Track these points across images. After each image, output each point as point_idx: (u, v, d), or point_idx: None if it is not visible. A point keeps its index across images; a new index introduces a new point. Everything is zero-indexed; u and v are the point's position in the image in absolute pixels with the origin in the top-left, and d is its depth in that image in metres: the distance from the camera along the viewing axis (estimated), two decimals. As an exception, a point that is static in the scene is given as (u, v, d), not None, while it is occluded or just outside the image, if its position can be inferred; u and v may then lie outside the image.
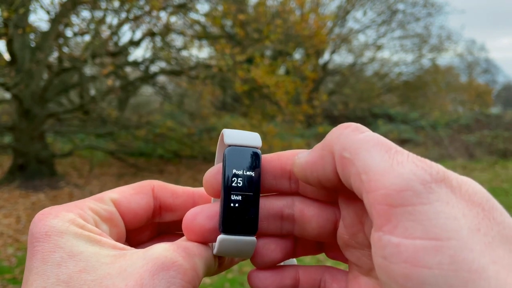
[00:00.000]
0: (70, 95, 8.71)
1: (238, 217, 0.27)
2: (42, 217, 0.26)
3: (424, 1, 13.30)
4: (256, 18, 6.55)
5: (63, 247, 0.24)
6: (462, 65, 18.19)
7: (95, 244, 0.25)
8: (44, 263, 0.24)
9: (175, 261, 0.24)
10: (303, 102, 6.99)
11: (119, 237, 0.29)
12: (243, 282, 3.30)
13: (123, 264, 0.24)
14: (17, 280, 3.27)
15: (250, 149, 0.28)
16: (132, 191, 0.30)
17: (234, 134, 0.29)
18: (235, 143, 0.28)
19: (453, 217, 0.19)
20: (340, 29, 13.42)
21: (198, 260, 0.26)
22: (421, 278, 0.18)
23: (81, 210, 0.27)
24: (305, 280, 0.29)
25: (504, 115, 14.05)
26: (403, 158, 0.21)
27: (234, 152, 0.28)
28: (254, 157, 0.28)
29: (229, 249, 0.28)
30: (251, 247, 0.28)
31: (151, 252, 0.24)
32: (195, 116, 8.61)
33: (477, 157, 9.87)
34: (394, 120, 13.51)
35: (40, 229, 0.25)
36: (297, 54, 10.33)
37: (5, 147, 7.29)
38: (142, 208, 0.30)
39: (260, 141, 0.29)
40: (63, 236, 0.25)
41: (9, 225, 4.67)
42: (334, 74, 14.50)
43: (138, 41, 7.28)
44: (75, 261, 0.24)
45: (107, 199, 0.29)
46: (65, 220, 0.26)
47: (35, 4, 6.07)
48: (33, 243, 0.25)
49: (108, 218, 0.28)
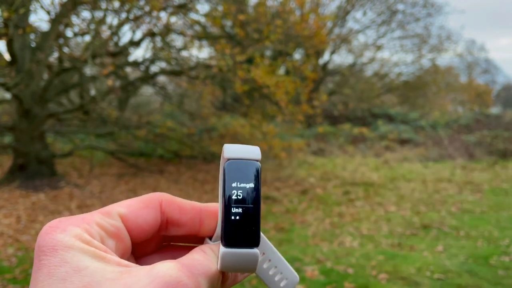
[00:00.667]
0: (70, 95, 8.71)
1: (239, 230, 0.27)
2: (50, 230, 0.26)
3: (424, 1, 13.31)
4: (256, 18, 6.55)
5: (69, 262, 0.24)
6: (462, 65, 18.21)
7: (100, 260, 0.25)
8: (50, 277, 0.24)
9: (180, 280, 0.25)
10: (303, 102, 7.00)
11: (124, 251, 0.29)
12: (243, 282, 3.31)
13: (128, 281, 0.24)
14: (17, 280, 3.27)
15: (249, 161, 0.29)
16: (141, 204, 0.30)
17: (233, 148, 0.29)
18: (234, 156, 0.28)
19: None
20: (340, 29, 13.43)
21: (202, 279, 0.26)
22: None
23: (88, 225, 0.27)
24: None
25: (504, 115, 14.05)
26: None
27: (233, 165, 0.28)
28: (253, 170, 0.28)
29: (232, 263, 0.28)
30: (254, 259, 0.28)
31: (156, 271, 0.25)
32: (195, 116, 8.62)
33: (477, 157, 9.88)
34: (394, 120, 13.51)
35: (47, 243, 0.25)
36: (297, 54, 10.33)
37: (5, 147, 7.29)
38: (149, 223, 0.30)
39: (260, 154, 0.29)
40: (70, 251, 0.25)
41: (9, 225, 4.67)
42: (334, 74, 14.51)
43: (138, 41, 7.28)
44: (80, 276, 0.24)
45: (114, 214, 0.29)
46: (72, 235, 0.26)
47: (35, 4, 6.08)
48: (39, 256, 0.25)
49: (115, 233, 0.28)
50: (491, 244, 4.15)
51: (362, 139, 11.64)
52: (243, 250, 0.28)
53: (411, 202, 5.95)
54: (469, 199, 6.11)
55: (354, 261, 3.66)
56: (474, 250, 3.95)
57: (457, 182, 7.32)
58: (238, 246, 0.27)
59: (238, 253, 0.28)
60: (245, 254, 0.28)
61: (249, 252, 0.28)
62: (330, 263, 3.61)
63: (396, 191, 6.67)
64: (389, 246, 4.13)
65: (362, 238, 4.37)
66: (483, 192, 6.57)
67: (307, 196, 6.34)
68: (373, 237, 4.42)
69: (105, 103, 7.89)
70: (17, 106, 6.33)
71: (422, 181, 7.48)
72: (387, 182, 7.40)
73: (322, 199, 6.18)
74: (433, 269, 3.46)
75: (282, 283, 0.34)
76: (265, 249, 0.33)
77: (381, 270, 3.45)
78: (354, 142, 11.47)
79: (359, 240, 4.30)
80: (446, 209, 5.55)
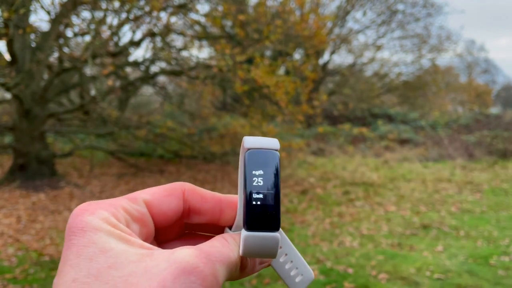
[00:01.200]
0: (71, 95, 8.71)
1: (260, 215, 0.29)
2: (80, 212, 0.28)
3: (424, 2, 13.31)
4: (256, 18, 6.55)
5: (96, 242, 0.26)
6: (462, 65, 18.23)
7: (125, 243, 0.27)
8: (78, 256, 0.25)
9: (196, 266, 0.26)
10: (303, 102, 7.00)
11: (147, 236, 0.31)
12: (243, 282, 3.31)
13: (149, 264, 0.25)
14: (17, 280, 3.28)
15: (268, 151, 0.30)
16: (164, 193, 0.31)
17: (253, 139, 0.31)
18: (254, 146, 0.30)
19: None
20: (340, 29, 13.43)
21: (219, 266, 0.27)
22: None
23: (114, 209, 0.29)
24: None
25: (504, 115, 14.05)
26: None
27: (253, 154, 0.30)
28: (272, 158, 0.30)
29: (254, 247, 0.29)
30: (275, 242, 0.29)
31: (175, 256, 0.26)
32: (195, 116, 8.62)
33: (477, 157, 9.88)
34: (394, 120, 13.52)
35: (77, 224, 0.27)
36: (297, 54, 10.34)
37: (5, 147, 7.30)
38: (171, 210, 0.31)
39: (278, 144, 0.31)
40: (97, 232, 0.26)
41: (9, 225, 4.67)
42: (334, 74, 14.51)
43: (138, 41, 7.29)
44: (105, 257, 0.25)
45: (140, 200, 0.31)
46: (100, 218, 0.27)
47: (35, 5, 6.08)
48: (69, 236, 0.27)
49: (139, 218, 0.30)
50: (491, 244, 4.16)
51: (362, 139, 11.65)
52: (265, 233, 0.29)
53: (411, 202, 5.96)
54: (469, 199, 6.11)
55: (354, 261, 3.66)
56: (474, 250, 3.96)
57: (457, 182, 7.32)
58: (260, 230, 0.29)
59: (260, 236, 0.29)
60: (266, 237, 0.29)
61: (270, 235, 0.29)
62: (330, 263, 3.61)
63: (396, 191, 6.67)
64: (389, 246, 4.14)
65: (362, 238, 4.38)
66: (483, 192, 6.58)
67: (307, 196, 6.34)
68: (373, 237, 4.42)
69: (105, 103, 7.89)
70: (18, 106, 6.34)
71: (422, 181, 7.48)
72: (387, 182, 7.41)
73: (322, 199, 6.19)
74: (433, 269, 3.47)
75: (298, 278, 0.35)
76: (282, 243, 0.34)
77: (381, 270, 3.45)
78: (354, 142, 11.48)
79: (359, 240, 4.31)
80: (446, 209, 5.56)
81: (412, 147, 11.12)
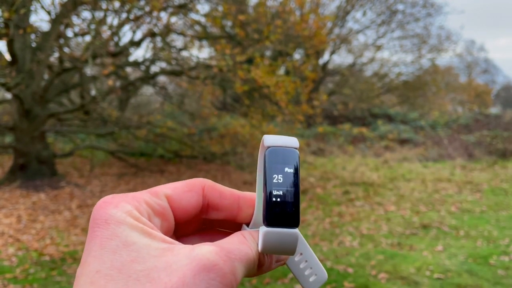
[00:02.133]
0: (71, 95, 8.72)
1: (280, 211, 0.29)
2: (104, 205, 0.28)
3: (424, 2, 13.32)
4: (256, 18, 6.56)
5: (119, 236, 0.27)
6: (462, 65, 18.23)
7: (147, 236, 0.27)
8: (102, 248, 0.26)
9: (216, 264, 0.26)
10: (303, 102, 7.01)
11: (168, 230, 0.31)
12: (243, 282, 3.32)
13: (170, 259, 0.26)
14: (17, 280, 3.29)
15: (288, 149, 0.31)
16: (185, 188, 0.32)
17: (273, 138, 0.31)
18: (274, 144, 0.31)
19: None
20: (340, 29, 13.44)
21: (238, 264, 0.28)
22: None
23: (137, 202, 0.29)
24: None
25: (504, 115, 14.07)
26: None
27: (273, 152, 0.30)
28: (292, 156, 0.31)
29: (273, 243, 0.30)
30: (294, 239, 0.30)
31: (195, 253, 0.27)
32: (196, 116, 8.62)
33: (477, 157, 9.89)
34: (394, 120, 13.52)
35: (101, 216, 0.28)
36: (297, 54, 10.35)
37: (6, 147, 7.31)
38: (191, 205, 0.32)
39: (298, 142, 0.31)
40: (121, 226, 0.27)
41: (10, 225, 4.68)
42: (334, 74, 14.52)
43: (138, 41, 7.30)
44: (128, 251, 0.26)
45: (161, 194, 0.31)
46: (123, 211, 0.28)
47: (36, 5, 6.08)
48: (93, 228, 0.27)
49: (161, 212, 0.31)
50: (491, 243, 4.16)
51: (361, 139, 11.65)
52: (284, 229, 0.29)
53: (410, 202, 5.96)
54: (468, 199, 6.12)
55: (353, 261, 3.67)
56: (474, 250, 3.96)
57: (456, 182, 7.33)
58: (280, 226, 0.29)
59: (280, 232, 0.29)
60: (286, 233, 0.29)
61: (289, 231, 0.29)
62: (330, 263, 3.62)
63: (396, 191, 6.68)
64: (388, 245, 4.15)
65: (361, 238, 4.38)
66: (483, 192, 6.58)
67: (307, 195, 6.35)
68: (372, 236, 4.43)
69: (105, 103, 7.90)
70: (18, 106, 6.34)
71: (421, 181, 7.49)
72: (387, 182, 7.41)
73: (322, 199, 6.20)
74: (433, 269, 3.48)
75: (311, 278, 0.35)
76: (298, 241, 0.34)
77: (380, 270, 3.46)
78: (353, 142, 11.48)
79: (359, 240, 4.32)
80: (446, 209, 5.56)
81: (412, 147, 11.13)
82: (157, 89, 9.49)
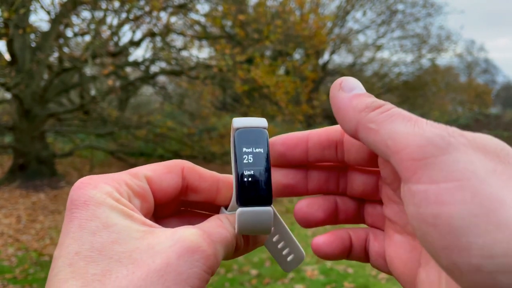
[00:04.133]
0: (71, 95, 8.72)
1: (252, 191, 0.30)
2: (82, 186, 0.28)
3: (424, 1, 13.32)
4: (256, 18, 6.56)
5: (99, 217, 0.26)
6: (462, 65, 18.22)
7: (128, 218, 0.27)
8: (81, 230, 0.26)
9: (200, 246, 0.26)
10: (303, 102, 7.01)
11: (148, 211, 0.31)
12: (243, 282, 3.31)
13: (152, 241, 0.26)
14: (17, 280, 3.28)
15: (256, 129, 0.31)
16: (165, 169, 0.32)
17: (242, 119, 0.32)
18: (243, 126, 0.31)
19: (470, 161, 0.22)
20: (339, 29, 13.44)
21: (219, 246, 0.28)
22: (449, 214, 0.21)
23: (117, 183, 0.29)
24: (356, 241, 0.33)
25: (504, 115, 14.08)
26: (423, 123, 0.24)
27: (242, 133, 0.31)
28: (261, 135, 0.31)
29: (248, 222, 0.30)
30: (268, 216, 0.30)
31: (179, 235, 0.26)
32: (195, 116, 8.63)
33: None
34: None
35: (79, 197, 0.27)
36: (297, 54, 10.34)
37: (5, 147, 7.30)
38: (171, 186, 0.32)
39: (266, 122, 0.32)
40: (100, 207, 0.26)
41: (9, 225, 4.68)
42: (334, 74, 14.51)
43: (138, 41, 7.29)
44: (108, 232, 0.25)
45: (141, 175, 0.31)
46: (103, 192, 0.27)
47: (35, 5, 6.08)
48: (71, 210, 0.27)
49: (141, 193, 0.30)
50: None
51: (362, 139, 11.64)
52: (258, 208, 0.30)
53: (410, 202, 5.96)
54: (468, 199, 6.12)
55: (354, 261, 3.66)
56: (474, 250, 3.96)
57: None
58: (253, 205, 0.29)
59: (254, 211, 0.29)
60: (260, 212, 0.30)
61: (263, 209, 0.30)
62: (330, 263, 3.62)
63: (396, 191, 6.67)
64: (388, 246, 4.14)
65: (362, 238, 4.38)
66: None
67: (307, 196, 6.34)
68: (372, 237, 4.42)
69: (105, 103, 7.89)
70: (18, 106, 6.34)
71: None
72: (387, 182, 7.40)
73: (322, 199, 6.19)
74: (433, 269, 3.47)
75: (289, 257, 0.36)
76: (275, 223, 0.35)
77: (380, 270, 3.45)
78: (354, 142, 11.47)
79: (359, 240, 4.31)
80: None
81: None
82: (157, 89, 9.49)
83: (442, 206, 0.21)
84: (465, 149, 0.22)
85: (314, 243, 0.32)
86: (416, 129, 0.23)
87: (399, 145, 0.23)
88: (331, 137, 0.32)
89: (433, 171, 0.22)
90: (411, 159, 0.23)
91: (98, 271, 0.24)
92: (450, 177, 0.21)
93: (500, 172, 0.22)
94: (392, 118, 0.25)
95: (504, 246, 0.20)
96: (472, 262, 0.20)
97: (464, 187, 0.21)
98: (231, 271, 3.54)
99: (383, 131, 0.25)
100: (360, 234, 0.33)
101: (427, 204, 0.22)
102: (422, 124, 0.24)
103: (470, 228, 0.20)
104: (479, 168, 0.21)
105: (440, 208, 0.21)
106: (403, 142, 0.23)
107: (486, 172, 0.21)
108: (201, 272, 0.26)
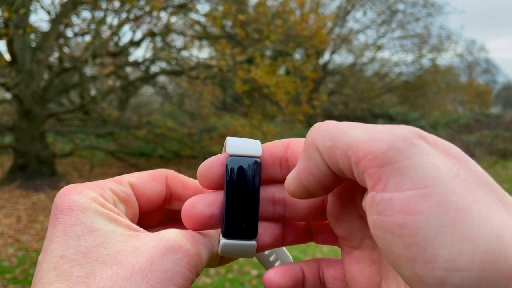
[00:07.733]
0: (71, 95, 8.71)
1: (238, 223, 0.29)
2: (67, 192, 0.28)
3: (424, 1, 13.31)
4: (256, 18, 6.56)
5: (84, 222, 0.26)
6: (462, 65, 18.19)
7: (112, 222, 0.27)
8: (65, 234, 0.26)
9: (183, 245, 0.27)
10: (303, 102, 7.00)
11: (133, 217, 0.31)
12: (243, 282, 3.31)
13: (136, 243, 0.26)
14: (17, 280, 3.28)
15: (250, 158, 0.30)
16: (148, 177, 0.33)
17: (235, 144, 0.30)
18: (236, 153, 0.30)
19: (435, 166, 0.21)
20: (340, 29, 13.43)
21: (203, 248, 0.29)
22: (415, 224, 0.20)
23: (102, 189, 0.29)
24: (308, 272, 0.32)
25: (504, 115, 14.07)
26: (380, 128, 0.23)
27: (234, 162, 0.29)
28: (254, 167, 0.30)
29: (231, 252, 0.30)
30: (251, 249, 0.30)
31: (162, 236, 0.27)
32: (195, 116, 8.62)
33: (477, 157, 9.88)
34: (394, 120, 13.52)
35: (64, 203, 0.27)
36: (297, 54, 10.33)
37: (5, 147, 7.30)
38: (155, 194, 0.32)
39: (261, 150, 0.30)
40: (85, 212, 0.27)
41: (9, 225, 4.67)
42: (334, 74, 14.51)
43: (138, 41, 7.29)
44: (93, 236, 0.26)
45: (125, 182, 0.31)
46: (88, 197, 0.28)
47: (35, 5, 6.08)
48: (56, 215, 0.27)
49: (125, 199, 0.31)
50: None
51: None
52: (242, 242, 0.29)
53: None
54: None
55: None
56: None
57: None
58: (237, 239, 0.29)
59: (237, 245, 0.29)
60: (243, 245, 0.29)
61: (247, 243, 0.30)
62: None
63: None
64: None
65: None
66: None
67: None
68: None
69: (105, 103, 7.90)
70: (18, 106, 6.34)
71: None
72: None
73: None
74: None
75: (277, 263, 0.36)
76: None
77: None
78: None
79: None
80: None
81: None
82: (157, 89, 9.49)
83: (408, 215, 0.20)
84: (428, 151, 0.21)
85: (266, 277, 0.30)
86: (375, 134, 0.22)
87: (360, 153, 0.22)
88: (273, 154, 0.30)
89: (398, 178, 0.21)
90: (374, 166, 0.22)
91: (82, 273, 0.24)
92: (416, 184, 0.20)
93: (463, 178, 0.21)
94: (346, 128, 0.24)
95: (469, 258, 0.19)
96: (437, 275, 0.19)
97: (431, 195, 0.20)
98: (231, 271, 3.54)
99: (341, 143, 0.24)
100: (311, 264, 0.32)
101: (392, 212, 0.21)
102: (379, 129, 0.23)
103: (436, 238, 0.19)
104: (444, 173, 0.21)
105: (406, 217, 0.20)
106: (364, 149, 0.22)
107: (450, 178, 0.21)
108: (185, 271, 0.26)
